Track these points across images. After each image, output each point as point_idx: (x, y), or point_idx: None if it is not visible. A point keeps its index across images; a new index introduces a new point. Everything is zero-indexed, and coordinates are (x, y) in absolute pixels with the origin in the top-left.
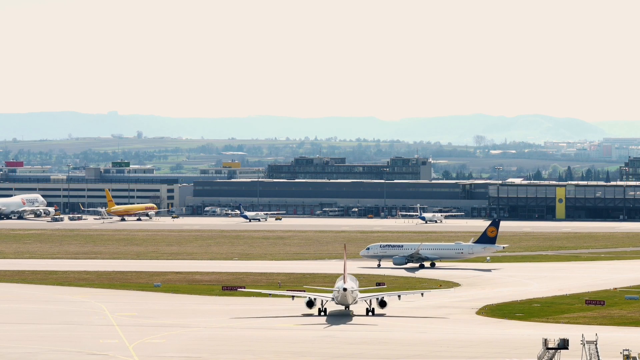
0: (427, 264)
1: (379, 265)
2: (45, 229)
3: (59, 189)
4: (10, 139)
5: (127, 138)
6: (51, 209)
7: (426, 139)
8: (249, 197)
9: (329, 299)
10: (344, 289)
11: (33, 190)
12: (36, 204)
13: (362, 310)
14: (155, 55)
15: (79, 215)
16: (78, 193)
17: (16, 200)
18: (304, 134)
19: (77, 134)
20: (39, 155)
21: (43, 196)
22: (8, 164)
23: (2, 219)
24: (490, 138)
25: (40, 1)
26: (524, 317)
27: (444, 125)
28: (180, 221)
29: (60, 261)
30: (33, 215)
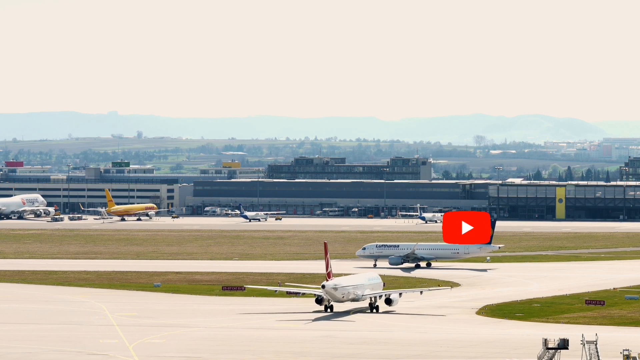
0: (423, 264)
1: (375, 266)
2: (45, 229)
3: (59, 189)
4: (10, 139)
5: (127, 138)
6: (51, 209)
7: (426, 139)
8: (249, 197)
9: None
10: (322, 286)
11: (33, 190)
12: (36, 204)
13: (366, 307)
14: (155, 55)
15: (79, 215)
16: (78, 193)
17: (16, 200)
18: (304, 134)
19: (77, 134)
20: (39, 155)
21: (43, 196)
22: (8, 164)
23: (2, 219)
24: (490, 138)
25: (40, 1)
26: (524, 317)
27: (444, 125)
28: (180, 221)
29: (60, 261)
30: (33, 215)
